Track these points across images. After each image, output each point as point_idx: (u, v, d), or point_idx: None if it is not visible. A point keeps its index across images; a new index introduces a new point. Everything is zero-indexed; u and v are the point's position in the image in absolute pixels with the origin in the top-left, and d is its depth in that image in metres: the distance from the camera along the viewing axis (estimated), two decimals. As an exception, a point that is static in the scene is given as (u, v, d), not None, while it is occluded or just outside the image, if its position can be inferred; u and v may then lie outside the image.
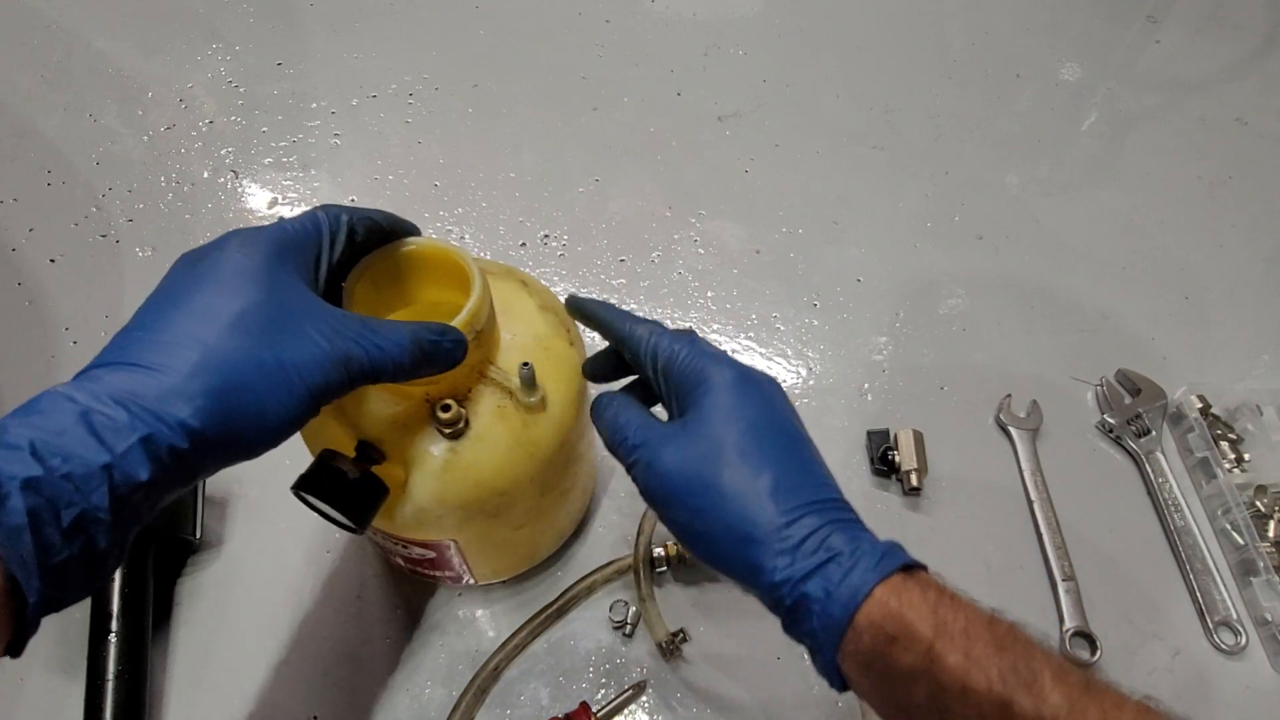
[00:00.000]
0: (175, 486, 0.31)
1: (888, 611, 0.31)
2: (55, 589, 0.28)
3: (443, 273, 0.43)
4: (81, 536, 0.28)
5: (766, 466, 0.35)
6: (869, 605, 0.32)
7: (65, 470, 0.27)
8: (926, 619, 0.31)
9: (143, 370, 0.30)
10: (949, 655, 0.30)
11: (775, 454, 0.36)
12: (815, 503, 0.35)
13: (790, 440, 0.37)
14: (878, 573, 0.32)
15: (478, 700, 0.52)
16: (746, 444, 0.36)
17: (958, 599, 0.32)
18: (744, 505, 0.34)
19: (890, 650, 0.31)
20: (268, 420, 0.32)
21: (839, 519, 0.35)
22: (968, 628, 0.31)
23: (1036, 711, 0.29)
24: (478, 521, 0.46)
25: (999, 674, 0.30)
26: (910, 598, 0.32)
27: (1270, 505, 0.62)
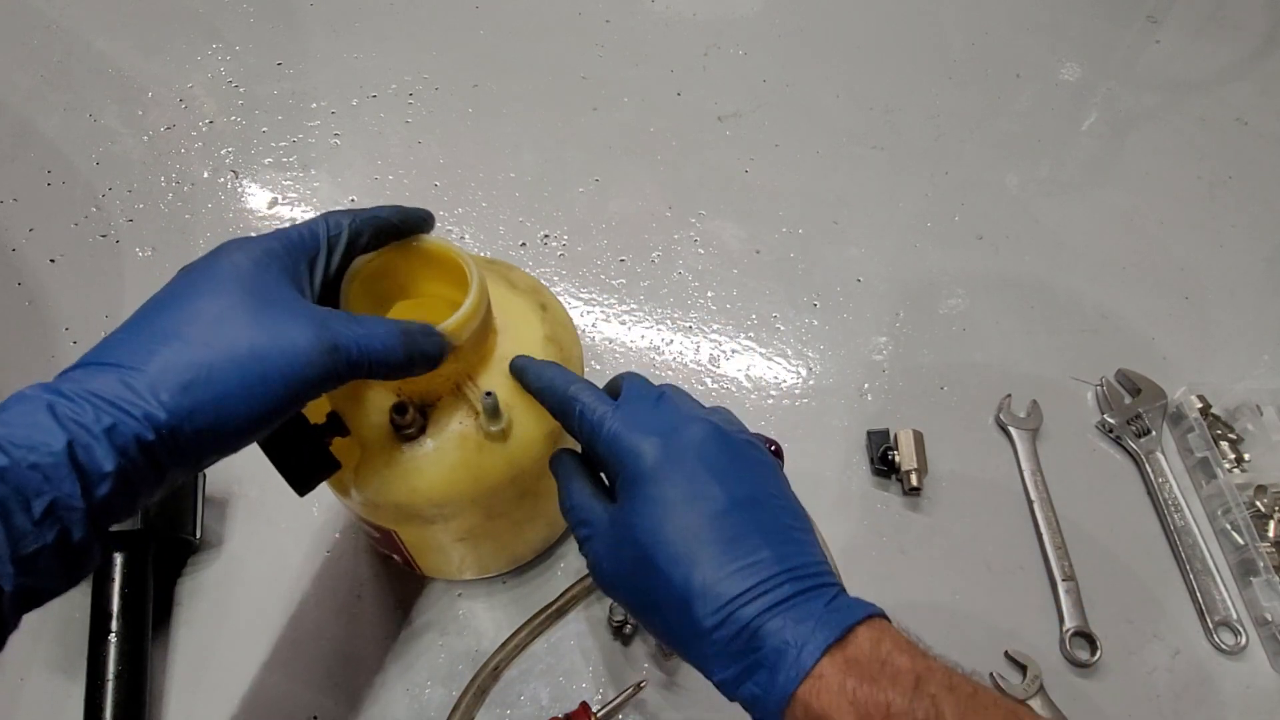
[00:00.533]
0: (150, 481, 0.31)
1: (810, 712, 0.31)
2: (30, 578, 0.28)
3: (442, 270, 0.43)
4: (55, 526, 0.28)
5: (690, 565, 0.33)
6: (794, 708, 0.31)
7: (32, 460, 0.28)
8: (846, 711, 0.30)
9: (116, 369, 0.31)
10: None
11: (699, 543, 0.34)
12: (743, 594, 0.32)
13: (728, 514, 0.34)
14: (798, 670, 0.31)
15: (478, 700, 0.52)
16: (669, 538, 0.34)
17: (885, 670, 0.31)
18: (673, 611, 0.34)
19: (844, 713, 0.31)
20: (241, 411, 0.32)
21: (769, 606, 0.32)
22: (889, 713, 0.30)
23: None
24: (415, 523, 0.46)
25: None
26: (830, 693, 0.31)
27: (1270, 505, 0.62)
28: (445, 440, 0.43)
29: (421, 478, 0.42)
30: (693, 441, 0.36)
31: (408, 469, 0.42)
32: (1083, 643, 0.57)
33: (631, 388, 0.41)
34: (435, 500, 0.43)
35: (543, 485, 0.49)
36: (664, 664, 0.54)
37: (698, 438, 0.37)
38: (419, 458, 0.42)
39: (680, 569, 0.33)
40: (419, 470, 0.42)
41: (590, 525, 0.38)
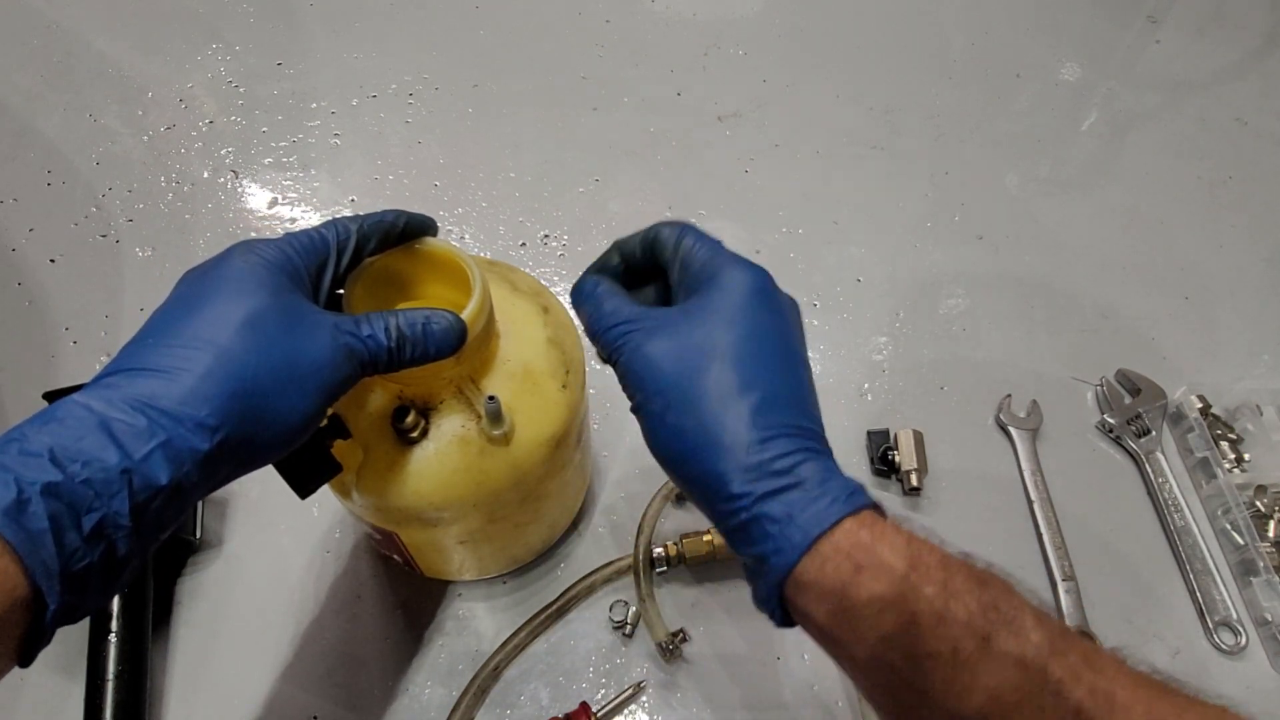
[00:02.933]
0: (196, 491, 0.31)
1: (856, 541, 0.30)
2: (75, 595, 0.28)
3: (445, 272, 0.43)
4: (103, 543, 0.28)
5: (758, 377, 0.34)
6: (836, 533, 0.30)
7: (85, 475, 0.27)
8: (900, 551, 0.30)
9: (157, 374, 0.30)
10: (925, 585, 0.29)
11: (771, 368, 0.34)
12: (796, 428, 0.33)
13: (790, 361, 0.36)
14: (849, 505, 0.31)
15: (478, 700, 0.52)
16: (744, 349, 0.34)
17: (930, 540, 0.31)
18: (723, 409, 0.33)
19: (856, 579, 0.30)
20: (283, 420, 0.32)
21: (815, 449, 0.33)
22: (944, 561, 0.30)
23: (1019, 649, 0.28)
24: (416, 526, 0.46)
25: (979, 607, 0.29)
26: (883, 531, 0.31)
27: (1270, 505, 0.62)
28: (447, 444, 0.43)
29: (423, 481, 0.42)
30: (783, 297, 0.38)
31: (409, 472, 0.42)
32: (1083, 643, 0.57)
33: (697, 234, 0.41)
34: (436, 503, 0.43)
35: (544, 488, 0.49)
36: (664, 664, 0.54)
37: (787, 298, 0.38)
38: (420, 461, 0.42)
39: (751, 373, 0.34)
40: (420, 473, 0.42)
41: (639, 325, 0.36)
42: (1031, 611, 0.29)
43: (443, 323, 0.38)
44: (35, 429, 0.28)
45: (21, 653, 0.28)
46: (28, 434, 0.28)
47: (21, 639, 0.27)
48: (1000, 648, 0.28)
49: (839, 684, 0.54)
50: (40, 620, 0.27)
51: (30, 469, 0.27)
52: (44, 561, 0.26)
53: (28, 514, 0.26)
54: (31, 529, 0.26)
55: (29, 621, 0.27)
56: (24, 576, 0.26)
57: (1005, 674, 0.28)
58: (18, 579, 0.26)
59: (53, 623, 0.28)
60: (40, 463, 0.27)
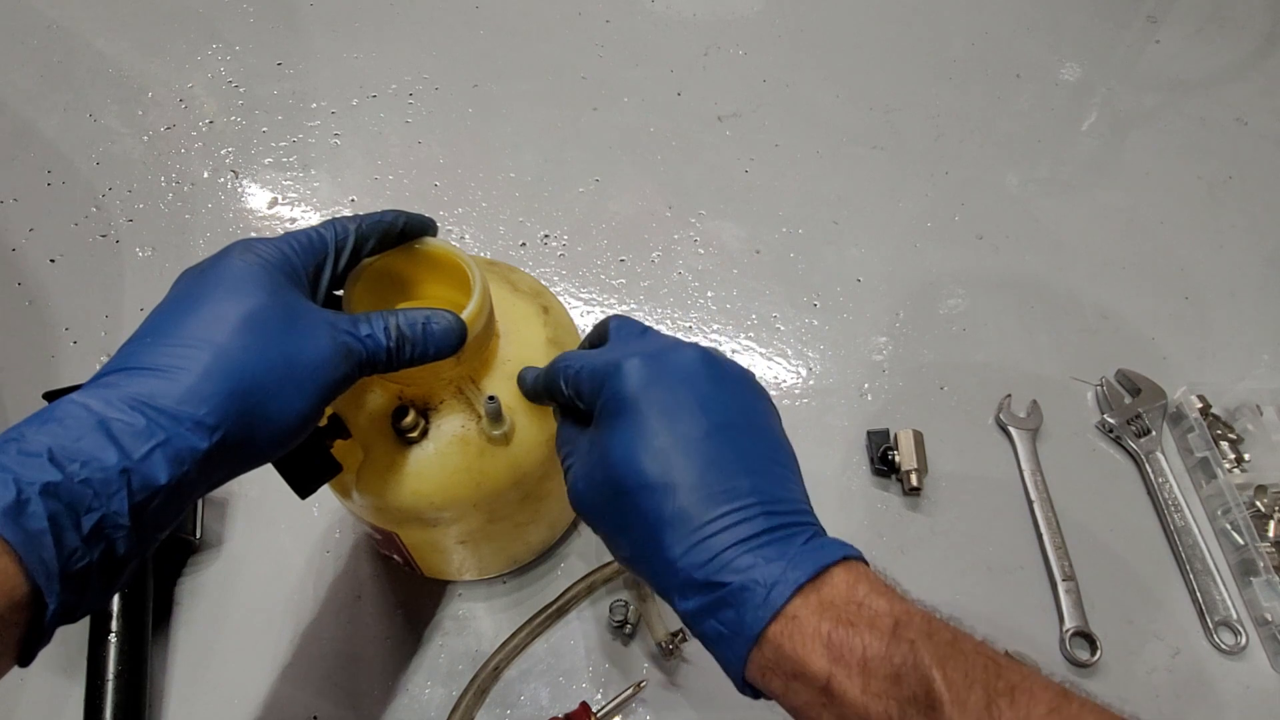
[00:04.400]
0: (195, 491, 0.31)
1: (781, 654, 0.30)
2: (75, 595, 0.28)
3: (445, 272, 0.43)
4: (102, 542, 0.28)
5: (663, 491, 0.32)
6: (764, 648, 0.30)
7: (84, 475, 0.27)
8: (819, 653, 0.29)
9: (156, 374, 0.30)
10: (847, 690, 0.28)
11: (673, 468, 0.32)
12: (717, 518, 0.31)
13: (700, 440, 0.33)
14: (768, 609, 0.30)
15: (478, 700, 0.52)
16: (643, 463, 0.32)
17: (862, 614, 0.30)
18: (642, 537, 0.32)
19: (791, 687, 0.30)
20: (282, 419, 0.32)
21: (741, 539, 0.31)
22: (865, 657, 0.29)
23: None
24: (416, 526, 0.46)
25: (899, 706, 0.28)
26: (803, 633, 0.29)
27: (1270, 505, 0.62)
28: (447, 444, 0.43)
29: (423, 481, 0.42)
30: (678, 363, 0.35)
31: (409, 472, 0.42)
32: (1083, 643, 0.57)
33: (617, 327, 0.40)
34: (436, 504, 0.43)
35: (545, 488, 0.49)
36: (664, 664, 0.54)
37: (683, 360, 0.35)
38: (420, 461, 0.42)
39: (652, 494, 0.32)
40: (420, 473, 0.42)
41: (571, 448, 0.37)
42: (953, 696, 0.27)
43: (443, 323, 0.38)
44: (34, 429, 0.28)
45: (21, 652, 0.28)
46: (26, 434, 0.28)
47: (21, 639, 0.27)
48: None
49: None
50: (40, 620, 0.27)
51: (29, 469, 0.27)
52: (43, 561, 0.26)
53: (27, 514, 0.26)
54: (31, 529, 0.26)
55: (28, 621, 0.27)
56: (23, 576, 0.26)
57: None
58: (17, 579, 0.26)
59: (52, 622, 0.28)
60: (39, 463, 0.27)
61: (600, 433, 0.34)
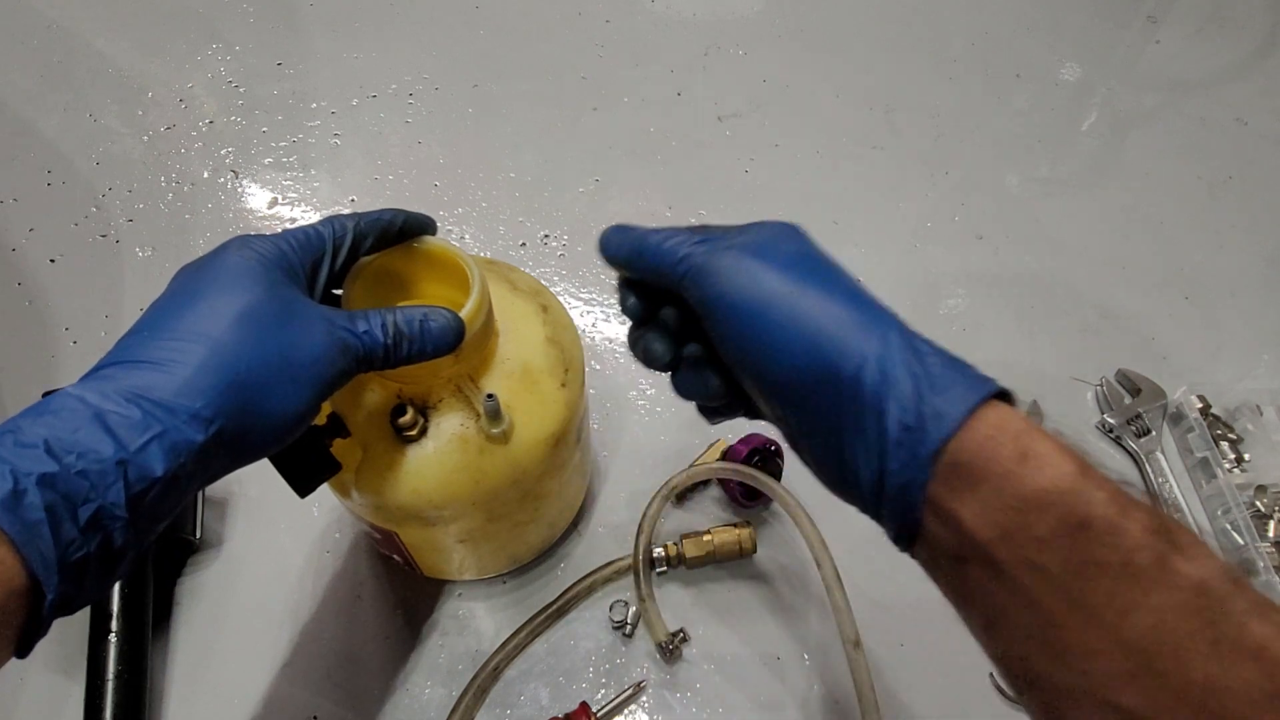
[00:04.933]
0: (192, 483, 0.31)
1: (1026, 425, 0.26)
2: (72, 586, 0.28)
3: (444, 271, 0.43)
4: (99, 533, 0.28)
5: (834, 279, 0.32)
6: (998, 410, 0.27)
7: (80, 467, 0.27)
8: (1064, 449, 0.26)
9: (152, 367, 0.30)
10: (1097, 490, 0.25)
11: (832, 273, 0.33)
12: (892, 316, 0.31)
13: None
14: (992, 385, 0.28)
15: (478, 700, 0.52)
16: (803, 260, 0.33)
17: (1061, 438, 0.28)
18: (852, 288, 0.32)
19: (1021, 468, 0.26)
20: (278, 414, 0.32)
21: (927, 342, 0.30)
22: (1108, 475, 0.26)
23: (1199, 573, 0.24)
24: (415, 525, 0.46)
25: (1155, 525, 0.25)
26: (1037, 425, 0.27)
27: (1270, 505, 0.62)
28: (446, 442, 0.43)
29: (422, 480, 0.42)
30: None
31: (408, 471, 0.42)
32: (1083, 643, 0.57)
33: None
34: (436, 502, 0.43)
35: (544, 487, 0.49)
36: (664, 664, 0.54)
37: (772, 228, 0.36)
38: (420, 460, 0.42)
39: (826, 270, 0.33)
40: (419, 472, 0.42)
41: (711, 233, 0.34)
42: (1206, 546, 0.25)
43: (441, 320, 0.38)
44: (30, 421, 0.28)
45: (19, 643, 0.28)
46: (23, 426, 0.28)
47: (19, 630, 0.27)
48: (1178, 568, 0.24)
49: (839, 684, 0.54)
50: (38, 611, 0.27)
51: (26, 460, 0.27)
52: (41, 552, 0.27)
53: (24, 505, 0.26)
54: (28, 520, 0.26)
55: (26, 612, 0.27)
56: (21, 567, 0.26)
57: (1180, 596, 0.24)
58: (15, 570, 0.26)
59: (50, 613, 0.28)
60: (36, 454, 0.27)
61: (752, 237, 0.33)
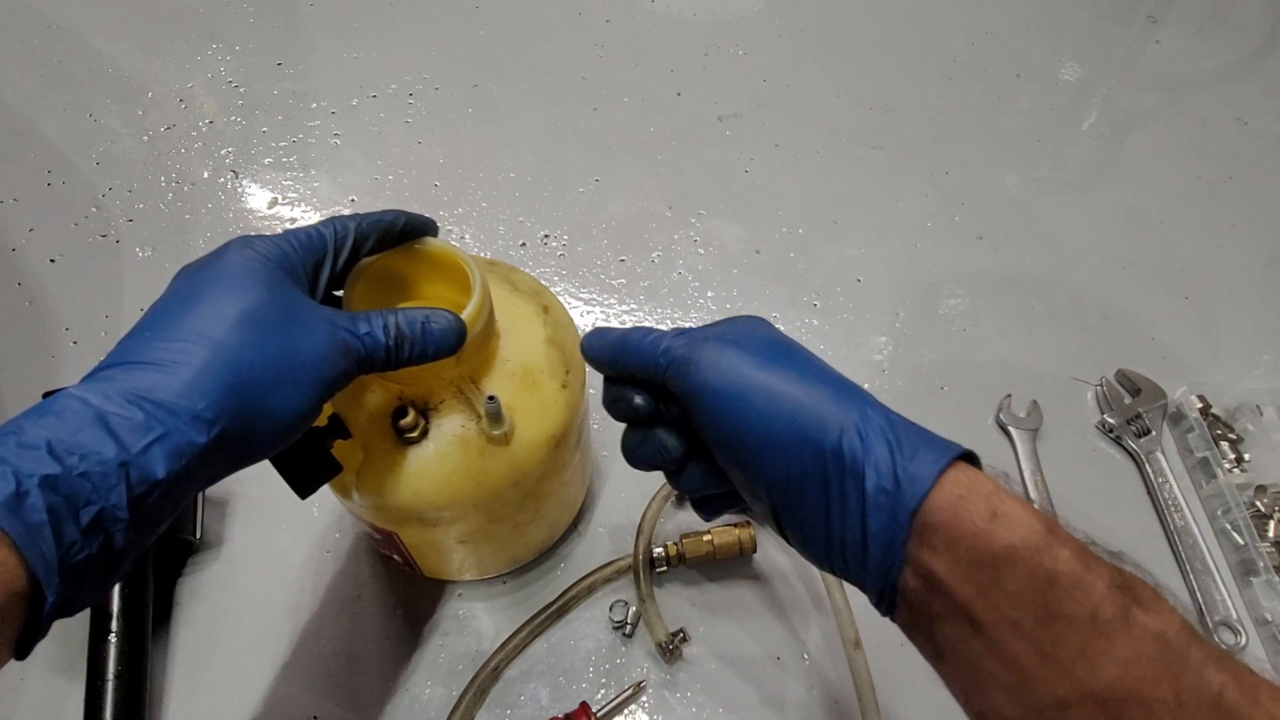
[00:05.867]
0: (193, 485, 0.31)
1: (993, 487, 0.28)
2: (73, 588, 0.28)
3: (445, 272, 0.43)
4: (100, 535, 0.28)
5: (803, 360, 0.34)
6: (959, 473, 0.29)
7: (82, 469, 0.27)
8: (1029, 508, 0.28)
9: (154, 368, 0.30)
10: (1063, 547, 0.27)
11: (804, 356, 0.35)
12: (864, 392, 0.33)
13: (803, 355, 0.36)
14: (957, 450, 0.30)
15: (478, 700, 0.52)
16: (789, 343, 0.35)
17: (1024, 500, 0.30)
18: (822, 374, 0.33)
19: (992, 526, 0.27)
20: (279, 415, 0.32)
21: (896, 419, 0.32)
22: (1072, 532, 0.28)
23: (1160, 625, 0.26)
24: (416, 526, 0.46)
25: (1118, 580, 0.26)
26: (1001, 487, 0.29)
27: (1270, 505, 0.62)
28: (447, 444, 0.43)
29: (423, 481, 0.42)
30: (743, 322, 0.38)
31: (409, 472, 0.42)
32: (1083, 643, 0.57)
33: None
34: (436, 504, 0.43)
35: (544, 488, 0.49)
36: (664, 664, 0.54)
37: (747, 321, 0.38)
38: (420, 461, 0.42)
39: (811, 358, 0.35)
40: (420, 474, 0.42)
41: (691, 332, 0.36)
42: (1166, 600, 0.27)
43: (442, 322, 0.38)
44: (32, 422, 0.28)
45: (19, 645, 0.28)
46: (25, 427, 0.28)
47: (19, 631, 0.27)
48: (1139, 620, 0.26)
49: (839, 685, 0.54)
50: (38, 613, 0.27)
51: (28, 461, 0.27)
52: (42, 554, 0.26)
53: (26, 506, 0.26)
54: (30, 521, 0.26)
55: (26, 614, 0.27)
56: (22, 569, 0.26)
57: (1143, 647, 0.26)
58: (16, 571, 0.26)
59: (50, 615, 0.28)
60: (38, 455, 0.27)
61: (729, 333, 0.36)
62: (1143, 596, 0.26)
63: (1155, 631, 0.26)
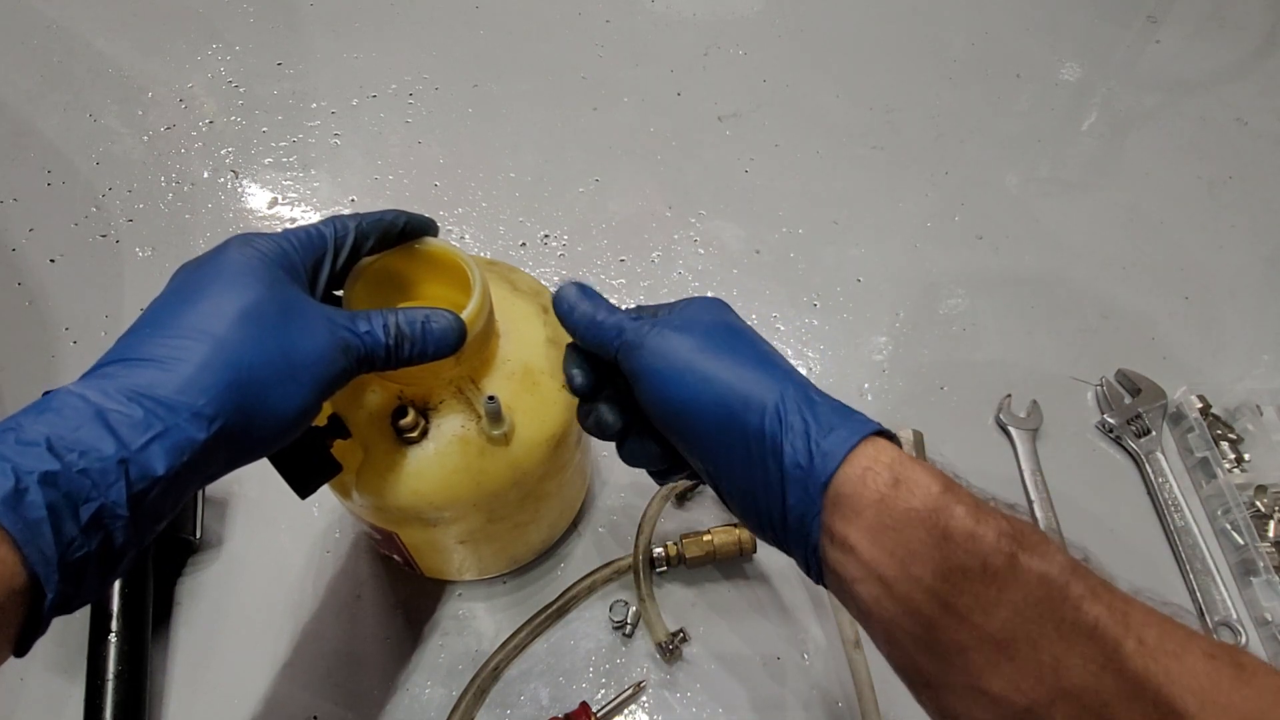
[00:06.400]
0: (192, 482, 0.31)
1: (896, 456, 0.31)
2: (73, 585, 0.28)
3: (445, 272, 0.43)
4: (100, 532, 0.28)
5: (760, 342, 0.37)
6: (872, 446, 0.31)
7: (82, 466, 0.27)
8: (933, 472, 0.31)
9: (154, 365, 0.30)
10: (957, 505, 0.29)
11: (756, 340, 0.37)
12: (793, 372, 0.35)
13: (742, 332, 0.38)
14: (873, 425, 0.32)
15: (478, 700, 0.52)
16: (734, 327, 0.38)
17: (933, 466, 0.32)
18: (755, 355, 0.36)
19: (894, 492, 0.30)
20: (279, 412, 0.32)
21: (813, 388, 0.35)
22: (972, 491, 0.31)
23: (1043, 567, 0.28)
24: (416, 526, 0.46)
25: (1008, 528, 0.29)
26: (913, 459, 0.32)
27: (1270, 505, 0.62)
28: (447, 444, 0.43)
29: (423, 481, 0.42)
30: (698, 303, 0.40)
31: (409, 472, 0.42)
32: (1083, 643, 0.57)
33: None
34: (436, 503, 0.43)
35: (544, 488, 0.49)
36: (664, 664, 0.54)
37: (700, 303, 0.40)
38: (420, 461, 0.42)
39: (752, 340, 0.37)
40: (420, 473, 0.42)
41: (638, 313, 0.39)
42: (1054, 541, 0.30)
43: (442, 322, 0.38)
44: (31, 419, 0.28)
45: (18, 642, 0.28)
46: (24, 423, 0.28)
47: (19, 628, 0.27)
48: (1025, 565, 0.28)
49: (839, 685, 0.54)
50: (37, 610, 0.27)
51: (28, 458, 0.27)
52: (42, 550, 0.26)
53: (26, 503, 0.26)
54: (30, 518, 0.26)
55: (26, 611, 0.27)
56: (22, 565, 0.26)
57: (1029, 589, 0.28)
58: (16, 568, 0.26)
59: (50, 612, 0.28)
60: (38, 452, 0.27)
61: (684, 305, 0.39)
62: (1029, 542, 0.29)
63: (1039, 573, 0.28)
